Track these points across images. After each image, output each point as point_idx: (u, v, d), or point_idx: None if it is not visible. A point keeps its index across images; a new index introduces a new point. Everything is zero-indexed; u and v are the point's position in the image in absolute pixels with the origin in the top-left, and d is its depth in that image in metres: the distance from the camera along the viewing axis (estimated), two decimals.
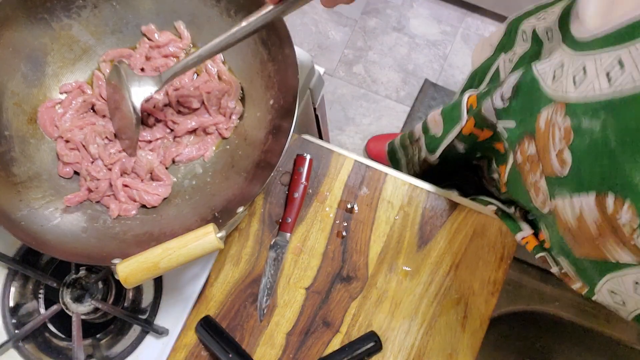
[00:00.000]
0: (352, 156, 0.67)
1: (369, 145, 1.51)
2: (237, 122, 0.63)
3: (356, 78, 1.65)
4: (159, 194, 0.60)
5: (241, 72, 0.64)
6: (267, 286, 0.63)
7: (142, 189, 0.60)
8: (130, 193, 0.60)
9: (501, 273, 0.62)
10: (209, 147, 0.63)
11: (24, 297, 0.64)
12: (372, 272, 0.63)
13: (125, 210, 0.60)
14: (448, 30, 1.69)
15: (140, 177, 0.61)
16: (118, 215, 0.60)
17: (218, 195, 0.59)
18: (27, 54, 0.60)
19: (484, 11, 1.68)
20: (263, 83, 0.61)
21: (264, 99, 0.61)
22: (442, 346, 0.61)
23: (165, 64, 0.63)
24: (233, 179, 0.60)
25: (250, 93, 0.63)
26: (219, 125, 0.62)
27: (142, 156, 0.61)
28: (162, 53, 0.64)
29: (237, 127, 0.63)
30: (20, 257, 0.64)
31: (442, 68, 1.65)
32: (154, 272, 0.49)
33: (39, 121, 0.61)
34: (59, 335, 0.63)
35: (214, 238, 0.49)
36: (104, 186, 0.60)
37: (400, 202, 0.65)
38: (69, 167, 0.61)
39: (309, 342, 0.62)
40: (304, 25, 1.70)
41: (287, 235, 0.64)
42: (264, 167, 0.56)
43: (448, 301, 0.62)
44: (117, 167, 0.60)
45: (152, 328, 0.60)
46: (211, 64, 0.63)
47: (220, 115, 0.63)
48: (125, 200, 0.60)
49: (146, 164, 0.61)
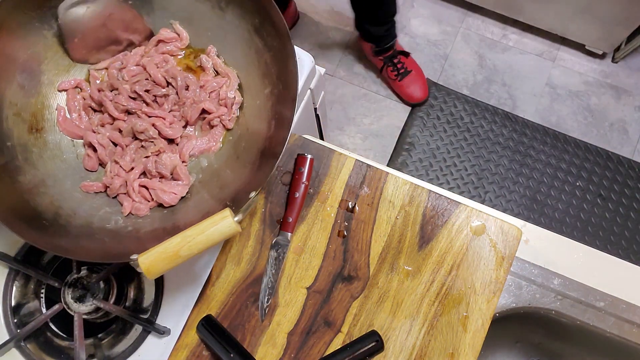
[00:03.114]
0: (353, 156, 0.67)
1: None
2: (238, 113, 0.63)
3: (357, 78, 1.65)
4: (176, 192, 0.60)
5: (236, 63, 0.64)
6: (269, 286, 0.63)
7: (159, 188, 0.60)
8: (146, 193, 0.60)
9: (503, 272, 0.62)
10: (217, 139, 0.63)
11: (25, 296, 0.64)
12: (374, 271, 0.63)
13: (137, 209, 0.60)
14: (449, 30, 1.69)
15: (165, 176, 0.61)
16: (130, 213, 0.60)
17: (226, 187, 0.60)
18: (22, 64, 0.60)
19: (484, 11, 1.68)
20: (260, 72, 0.61)
21: (261, 88, 0.61)
22: (443, 346, 0.61)
23: (163, 60, 0.64)
24: (239, 170, 0.60)
25: (247, 83, 0.63)
26: (222, 117, 0.63)
27: (165, 157, 0.61)
28: (160, 50, 0.64)
29: (238, 118, 0.63)
30: (21, 257, 0.64)
31: (443, 68, 1.65)
32: (176, 261, 0.49)
33: (64, 132, 0.62)
34: (61, 335, 0.63)
35: (231, 222, 0.49)
36: (117, 184, 0.60)
37: (401, 201, 0.65)
38: (93, 161, 0.62)
39: (311, 341, 0.62)
40: (304, 25, 1.70)
41: (288, 235, 0.64)
42: (268, 156, 0.57)
43: (449, 301, 0.62)
44: (139, 168, 0.61)
45: (154, 328, 0.60)
46: (206, 58, 0.64)
47: (222, 106, 0.63)
48: (138, 200, 0.60)
49: (170, 164, 0.61)
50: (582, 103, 1.60)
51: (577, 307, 0.65)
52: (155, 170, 0.61)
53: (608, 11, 1.42)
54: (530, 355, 0.79)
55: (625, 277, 0.65)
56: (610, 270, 0.66)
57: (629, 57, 1.65)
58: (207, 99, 0.63)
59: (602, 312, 0.65)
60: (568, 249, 0.66)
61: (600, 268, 0.66)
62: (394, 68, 1.55)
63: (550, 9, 1.51)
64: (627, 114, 1.59)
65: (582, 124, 1.59)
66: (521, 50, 1.66)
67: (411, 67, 1.56)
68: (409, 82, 1.55)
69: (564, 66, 1.64)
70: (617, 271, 0.66)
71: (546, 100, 1.61)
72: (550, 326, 0.68)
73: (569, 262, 0.66)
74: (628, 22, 1.43)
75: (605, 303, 0.65)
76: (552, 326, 0.68)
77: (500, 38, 1.67)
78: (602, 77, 1.63)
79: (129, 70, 0.64)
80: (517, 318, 0.66)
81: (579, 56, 1.65)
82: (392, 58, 1.54)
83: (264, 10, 0.58)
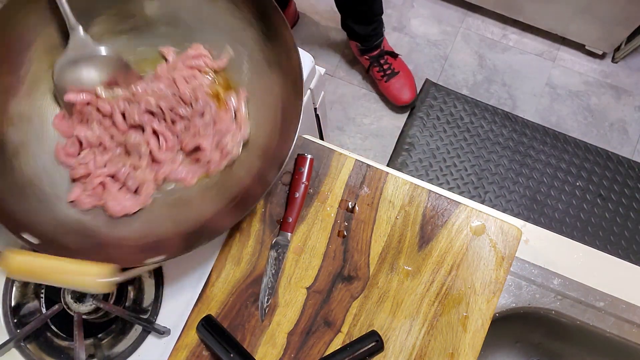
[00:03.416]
0: (353, 156, 0.67)
1: None
2: (224, 166, 0.62)
3: (357, 78, 1.65)
4: (125, 206, 0.59)
5: (256, 117, 0.63)
6: (269, 286, 0.63)
7: (113, 194, 0.59)
8: (99, 191, 0.60)
9: (503, 272, 0.62)
10: (195, 176, 0.62)
11: (25, 296, 0.64)
12: (373, 271, 0.63)
13: (81, 202, 0.59)
14: (449, 30, 1.69)
15: (128, 188, 0.60)
16: (72, 201, 0.59)
17: (185, 219, 0.59)
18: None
19: (484, 11, 1.68)
20: (275, 138, 0.60)
21: (258, 147, 0.61)
22: (443, 346, 0.61)
23: (191, 75, 0.63)
24: (204, 208, 0.59)
25: (252, 140, 0.62)
26: (210, 162, 0.61)
27: (139, 172, 0.60)
28: (188, 64, 0.63)
29: (224, 169, 0.62)
30: None
31: (443, 68, 1.65)
32: (39, 278, 0.50)
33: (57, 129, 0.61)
34: (61, 335, 0.63)
35: (95, 282, 0.49)
36: (81, 171, 0.59)
37: (401, 201, 0.65)
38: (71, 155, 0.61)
39: (310, 341, 0.62)
40: (304, 25, 1.70)
41: (288, 235, 0.64)
42: (240, 205, 0.56)
43: (449, 301, 0.62)
44: (110, 170, 0.60)
45: (154, 328, 0.60)
46: (234, 98, 0.62)
47: (217, 151, 0.61)
48: (88, 193, 0.59)
49: (140, 179, 0.60)
50: (582, 103, 1.60)
51: (577, 307, 0.65)
52: (122, 179, 0.60)
53: (608, 11, 1.42)
54: (530, 355, 0.79)
55: (625, 277, 0.65)
56: (610, 270, 0.66)
57: (629, 57, 1.65)
58: (209, 135, 0.61)
59: (602, 312, 0.65)
60: (568, 249, 0.66)
61: (600, 268, 0.66)
62: (380, 68, 1.53)
63: (550, 9, 1.51)
64: (627, 114, 1.59)
65: (582, 124, 1.59)
66: (521, 50, 1.66)
67: (399, 68, 1.54)
68: (396, 83, 1.53)
69: (564, 66, 1.64)
70: (617, 271, 0.66)
71: (546, 100, 1.61)
72: (550, 326, 0.68)
73: (569, 262, 0.66)
74: (628, 22, 1.43)
75: (605, 303, 0.65)
76: (552, 326, 0.68)
77: (500, 38, 1.67)
78: (602, 77, 1.63)
79: (157, 87, 0.62)
80: (517, 318, 0.66)
81: (579, 56, 1.65)
82: (379, 58, 1.52)
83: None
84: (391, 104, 1.59)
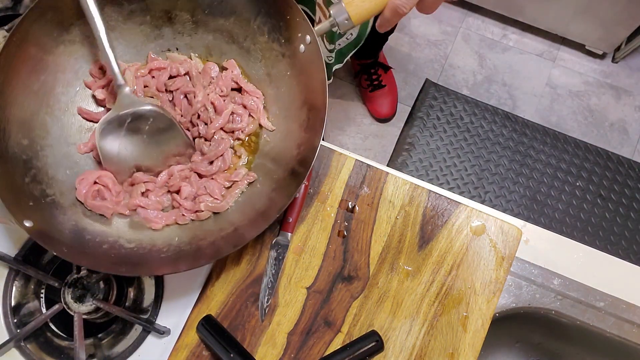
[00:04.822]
0: (353, 156, 0.67)
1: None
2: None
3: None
4: (162, 221, 0.61)
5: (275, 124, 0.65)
6: (269, 286, 0.63)
7: (145, 203, 0.61)
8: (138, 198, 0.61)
9: (503, 272, 0.62)
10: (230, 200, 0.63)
11: (25, 296, 0.64)
12: (374, 271, 0.63)
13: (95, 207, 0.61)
14: (449, 30, 1.69)
15: (188, 199, 0.61)
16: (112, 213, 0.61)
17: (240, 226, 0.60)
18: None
19: (484, 11, 1.68)
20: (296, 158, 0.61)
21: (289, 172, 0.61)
22: (443, 346, 0.61)
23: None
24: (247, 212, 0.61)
25: (279, 158, 0.63)
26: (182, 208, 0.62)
27: (212, 183, 0.62)
28: (229, 76, 0.65)
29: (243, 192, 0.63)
30: (21, 257, 0.64)
31: (443, 68, 1.65)
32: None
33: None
34: (61, 335, 0.63)
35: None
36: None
37: (401, 201, 0.65)
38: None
39: (311, 341, 0.62)
40: None
41: (288, 235, 0.64)
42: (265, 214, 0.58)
43: (449, 301, 0.62)
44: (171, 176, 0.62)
45: (154, 328, 0.60)
46: (253, 101, 0.64)
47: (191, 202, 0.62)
48: (119, 197, 0.61)
49: (216, 190, 0.62)
50: (582, 103, 1.60)
51: (577, 307, 0.65)
52: (196, 190, 0.61)
53: (608, 11, 1.42)
54: (530, 355, 0.79)
55: (625, 277, 0.65)
56: (610, 270, 0.66)
57: (629, 57, 1.65)
58: (194, 182, 0.62)
59: (602, 312, 0.65)
60: (568, 249, 0.66)
61: (600, 268, 0.66)
62: (368, 77, 1.53)
63: (550, 9, 1.51)
64: (627, 114, 1.59)
65: (582, 124, 1.59)
66: (521, 50, 1.66)
67: (387, 81, 1.54)
68: (379, 96, 1.54)
69: (564, 66, 1.64)
70: (617, 271, 0.66)
71: (546, 100, 1.61)
72: (550, 326, 0.68)
73: (569, 262, 0.66)
74: (628, 22, 1.43)
75: (605, 303, 0.65)
76: (552, 326, 0.68)
77: (500, 38, 1.67)
78: (602, 77, 1.63)
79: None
80: (517, 318, 0.66)
81: (579, 56, 1.65)
82: (370, 67, 1.52)
83: None
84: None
